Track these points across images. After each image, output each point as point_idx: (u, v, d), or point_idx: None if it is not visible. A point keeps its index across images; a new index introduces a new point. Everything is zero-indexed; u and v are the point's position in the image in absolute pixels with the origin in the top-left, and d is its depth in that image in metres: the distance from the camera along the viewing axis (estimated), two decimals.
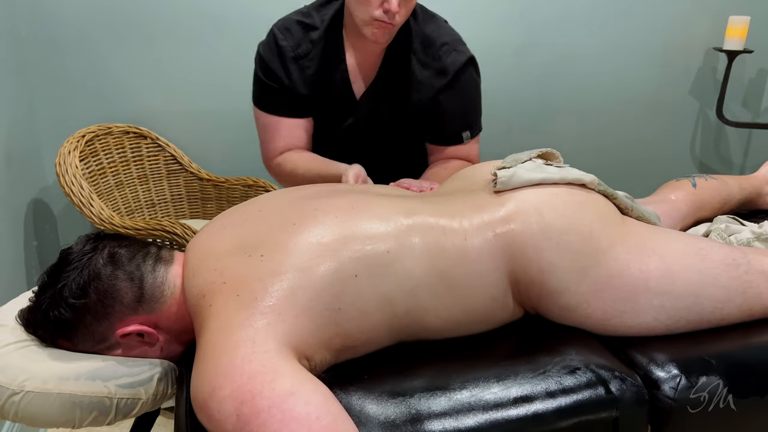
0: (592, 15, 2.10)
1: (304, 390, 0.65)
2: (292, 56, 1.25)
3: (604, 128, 2.26)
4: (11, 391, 0.77)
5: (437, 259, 0.83)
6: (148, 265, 0.85)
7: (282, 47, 1.25)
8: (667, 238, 0.93)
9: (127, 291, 0.82)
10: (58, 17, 1.72)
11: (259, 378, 0.65)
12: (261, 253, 0.78)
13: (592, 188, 0.95)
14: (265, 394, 0.64)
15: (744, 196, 1.35)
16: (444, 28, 1.29)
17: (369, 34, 1.17)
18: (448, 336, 0.88)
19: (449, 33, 1.29)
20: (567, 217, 0.87)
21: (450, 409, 0.76)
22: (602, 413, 0.80)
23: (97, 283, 0.81)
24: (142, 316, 0.83)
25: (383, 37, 1.18)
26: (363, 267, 0.79)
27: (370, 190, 1.00)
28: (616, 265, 0.86)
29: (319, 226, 0.82)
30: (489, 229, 0.86)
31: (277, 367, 0.67)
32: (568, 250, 0.86)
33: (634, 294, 0.86)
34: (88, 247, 0.84)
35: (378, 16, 1.12)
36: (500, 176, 0.91)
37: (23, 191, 1.68)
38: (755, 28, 2.09)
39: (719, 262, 0.90)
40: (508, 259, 0.86)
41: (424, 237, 0.84)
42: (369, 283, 0.79)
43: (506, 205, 0.89)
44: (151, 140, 1.83)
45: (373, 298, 0.80)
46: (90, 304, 0.81)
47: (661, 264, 0.87)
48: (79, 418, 0.80)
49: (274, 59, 1.26)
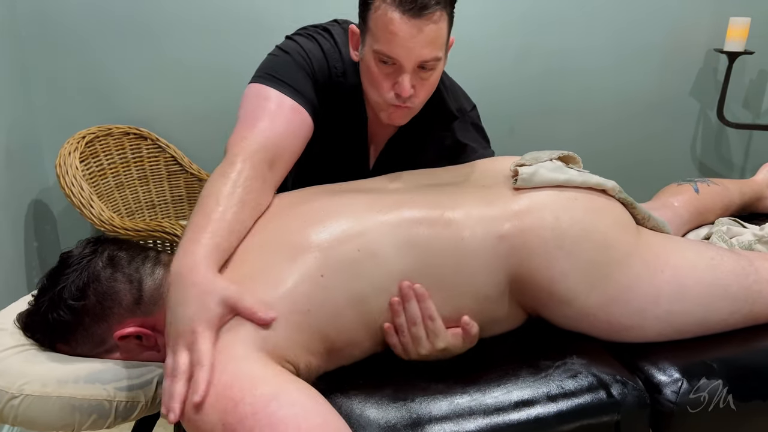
0: (593, 16, 2.09)
1: (287, 392, 0.64)
2: (327, 75, 1.04)
3: (605, 129, 2.26)
4: (10, 394, 0.77)
5: (426, 257, 0.81)
6: (147, 267, 0.84)
7: (330, 65, 1.04)
8: (679, 248, 0.92)
9: (126, 293, 0.82)
10: (58, 18, 1.71)
11: (237, 385, 0.64)
12: (239, 259, 0.79)
13: (612, 195, 0.92)
14: (246, 400, 0.62)
15: (744, 201, 1.34)
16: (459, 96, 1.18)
17: (385, 118, 1.02)
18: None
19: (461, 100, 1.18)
20: (583, 224, 0.84)
21: (451, 413, 0.76)
22: (604, 417, 0.80)
23: (96, 285, 0.81)
24: (140, 319, 0.83)
25: (401, 120, 1.02)
26: (329, 266, 0.77)
27: (359, 186, 0.96)
28: (628, 280, 0.84)
29: (286, 230, 0.81)
30: (495, 228, 0.83)
31: (256, 373, 0.66)
32: (581, 260, 0.83)
33: (642, 309, 0.85)
34: (88, 250, 0.84)
35: (391, 100, 0.97)
36: (522, 173, 0.88)
37: (23, 192, 1.68)
38: (756, 29, 2.08)
39: (729, 272, 0.89)
40: (514, 262, 0.83)
41: (410, 235, 0.81)
42: (337, 282, 0.77)
43: (521, 204, 0.86)
44: (151, 141, 1.83)
45: (343, 297, 0.78)
46: (89, 305, 0.81)
47: (673, 279, 0.86)
48: (78, 421, 0.79)
49: (322, 63, 1.04)
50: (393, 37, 0.89)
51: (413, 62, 0.92)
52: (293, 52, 1.03)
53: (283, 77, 0.99)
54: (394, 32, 0.89)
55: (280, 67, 1.01)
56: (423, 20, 0.88)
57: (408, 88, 0.93)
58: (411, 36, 0.89)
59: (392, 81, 0.95)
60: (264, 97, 0.97)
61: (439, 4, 0.89)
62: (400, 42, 0.89)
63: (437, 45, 0.92)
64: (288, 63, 1.01)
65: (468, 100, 1.23)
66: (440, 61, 0.95)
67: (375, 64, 0.95)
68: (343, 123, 1.09)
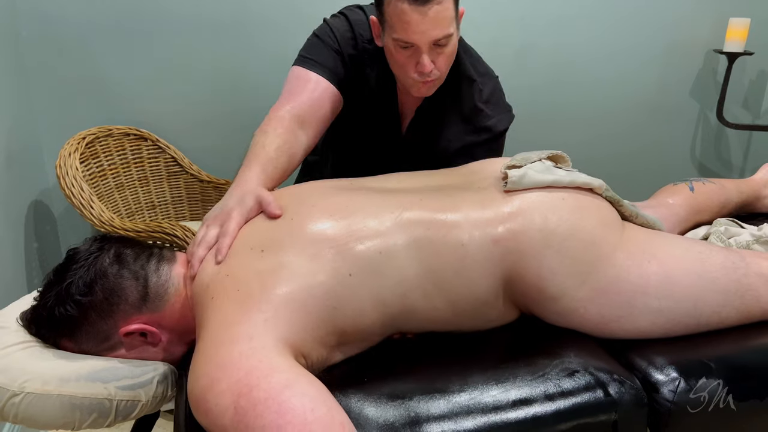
0: (593, 17, 2.10)
1: (300, 383, 0.67)
2: (354, 44, 1.20)
3: (604, 130, 2.26)
4: (11, 392, 0.77)
5: (431, 261, 0.84)
6: (152, 264, 0.87)
7: (356, 34, 1.20)
8: (666, 242, 0.93)
9: (132, 289, 0.83)
10: (59, 19, 1.72)
11: (256, 373, 0.66)
12: (261, 249, 0.81)
13: (599, 193, 0.95)
14: (261, 386, 0.65)
15: (742, 200, 1.34)
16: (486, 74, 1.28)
17: (415, 92, 1.16)
18: (435, 330, 0.90)
19: (493, 86, 1.28)
20: (570, 223, 0.87)
21: (448, 412, 0.76)
22: (601, 416, 0.80)
23: (104, 281, 0.82)
24: (145, 315, 0.84)
25: (429, 91, 1.16)
26: (357, 266, 0.81)
27: (369, 184, 0.99)
28: (615, 271, 0.86)
29: (315, 225, 0.83)
30: (489, 232, 0.86)
31: (273, 362, 0.68)
32: (568, 257, 0.85)
33: (632, 299, 0.86)
34: (95, 247, 0.86)
35: (417, 78, 1.10)
36: (511, 176, 0.91)
37: (24, 193, 1.68)
38: (755, 30, 2.09)
39: (718, 265, 0.90)
40: (507, 265, 0.86)
41: (419, 238, 0.84)
42: (363, 282, 0.81)
43: (512, 206, 0.89)
44: (151, 142, 1.83)
45: (368, 298, 0.81)
46: (96, 301, 0.82)
47: (660, 269, 0.87)
48: (78, 419, 0.80)
49: (346, 34, 1.20)
50: (407, 25, 1.03)
51: (428, 43, 1.05)
52: (322, 33, 1.21)
53: (315, 57, 1.19)
54: (407, 21, 1.03)
55: (312, 50, 1.20)
56: (429, 5, 1.01)
57: (429, 65, 1.07)
58: (421, 21, 1.02)
59: (414, 61, 1.08)
60: (296, 76, 1.18)
61: None
62: (413, 28, 1.03)
63: (446, 23, 1.05)
64: (316, 44, 1.20)
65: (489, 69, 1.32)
66: (453, 35, 1.08)
67: (396, 50, 1.09)
68: (375, 90, 1.24)
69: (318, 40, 1.20)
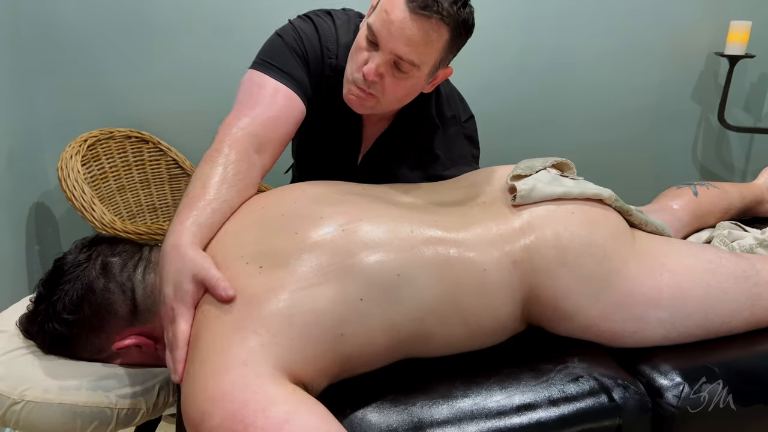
0: (594, 19, 2.09)
1: (300, 415, 0.61)
2: (319, 56, 1.05)
3: (605, 133, 2.26)
4: (12, 400, 0.77)
5: (452, 287, 0.79)
6: (139, 274, 0.82)
7: (323, 46, 1.05)
8: (676, 251, 0.92)
9: (121, 304, 0.80)
10: (60, 21, 1.72)
11: (251, 406, 0.60)
12: (260, 264, 0.72)
13: (609, 204, 0.93)
14: (258, 424, 0.59)
15: (744, 205, 1.34)
16: (454, 117, 1.16)
17: (345, 93, 1.01)
18: (447, 354, 0.85)
19: (455, 132, 1.16)
20: (581, 238, 0.85)
21: (452, 418, 0.75)
22: (605, 421, 0.80)
23: (91, 296, 0.79)
24: (137, 328, 0.82)
25: (357, 105, 1.00)
26: (370, 290, 0.73)
27: (380, 193, 0.91)
28: (628, 285, 0.85)
29: (322, 240, 0.75)
30: (508, 252, 0.82)
31: (269, 393, 0.62)
32: (583, 275, 0.83)
33: (645, 313, 0.85)
34: (82, 257, 0.82)
35: (357, 80, 0.96)
36: (520, 189, 0.88)
37: (25, 195, 1.68)
38: (757, 32, 2.08)
39: (729, 275, 0.89)
40: (525, 288, 0.84)
41: (439, 261, 0.78)
42: (375, 308, 0.73)
43: (521, 221, 0.85)
44: (152, 145, 1.83)
45: (379, 324, 0.74)
46: (84, 318, 0.80)
47: (672, 281, 0.86)
48: (80, 427, 0.79)
49: (314, 42, 1.04)
50: (386, 17, 0.90)
51: (388, 49, 0.91)
52: (286, 35, 1.04)
53: (277, 62, 1.01)
54: (389, 13, 0.90)
55: (274, 53, 1.03)
56: (418, 18, 0.88)
57: (372, 71, 0.93)
58: (399, 25, 0.89)
59: (366, 61, 0.95)
60: (257, 84, 1.00)
61: (443, 17, 0.89)
62: (388, 25, 0.90)
63: (419, 51, 0.91)
64: (281, 47, 1.03)
65: (466, 110, 1.23)
66: (416, 69, 0.94)
67: (362, 37, 0.95)
68: (337, 109, 1.07)
69: (281, 41, 1.03)
